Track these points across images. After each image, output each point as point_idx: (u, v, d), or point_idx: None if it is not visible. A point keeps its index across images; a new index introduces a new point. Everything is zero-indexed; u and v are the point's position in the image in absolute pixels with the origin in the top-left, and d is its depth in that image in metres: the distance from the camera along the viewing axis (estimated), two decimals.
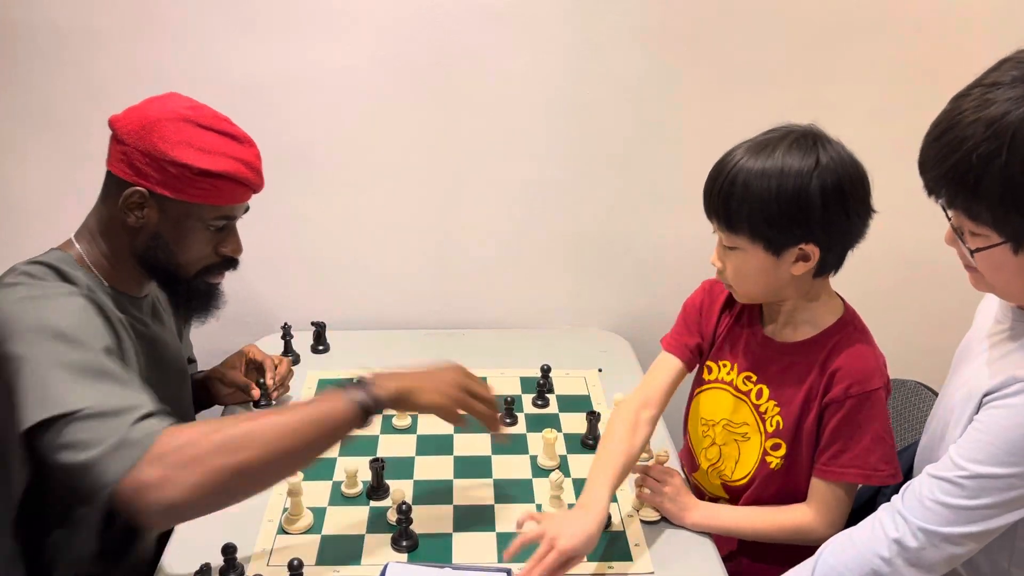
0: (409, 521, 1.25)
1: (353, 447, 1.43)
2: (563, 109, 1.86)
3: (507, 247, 1.98)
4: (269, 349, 1.66)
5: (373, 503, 1.36)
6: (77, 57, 1.78)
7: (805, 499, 1.27)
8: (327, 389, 1.16)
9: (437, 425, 1.26)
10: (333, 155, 1.88)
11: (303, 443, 1.08)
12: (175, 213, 1.20)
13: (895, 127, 1.81)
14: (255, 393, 1.55)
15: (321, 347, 1.85)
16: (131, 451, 0.99)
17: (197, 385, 1.55)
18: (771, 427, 1.29)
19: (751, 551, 1.34)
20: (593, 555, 1.23)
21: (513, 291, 2.02)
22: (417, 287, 2.01)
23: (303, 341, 1.84)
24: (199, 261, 1.27)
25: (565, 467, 1.47)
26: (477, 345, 1.91)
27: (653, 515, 1.33)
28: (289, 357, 1.72)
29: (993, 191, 0.92)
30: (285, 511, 1.31)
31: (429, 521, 1.31)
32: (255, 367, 1.59)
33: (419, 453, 1.50)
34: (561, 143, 1.89)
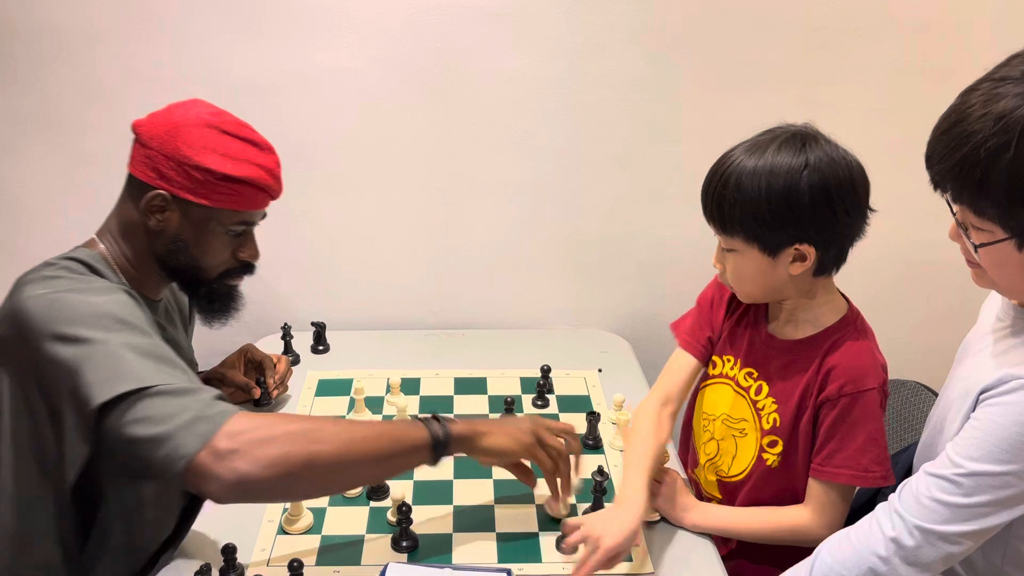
0: (409, 521, 1.25)
1: None
2: (563, 109, 1.86)
3: (507, 247, 1.98)
4: (269, 349, 1.66)
5: (373, 503, 1.36)
6: (77, 57, 1.78)
7: (803, 500, 1.27)
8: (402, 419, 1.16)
9: None
10: (333, 155, 1.88)
11: (375, 453, 1.10)
12: (196, 217, 1.22)
13: (895, 127, 1.82)
14: (256, 392, 1.55)
15: (321, 347, 1.85)
16: (207, 425, 1.01)
17: None
18: (767, 424, 1.30)
19: (750, 551, 1.34)
20: None
21: (513, 291, 2.02)
22: (417, 287, 2.01)
23: (303, 341, 1.84)
24: (218, 265, 1.28)
25: None
26: (477, 345, 1.91)
27: (653, 515, 1.33)
28: (288, 356, 1.72)
29: (1000, 186, 0.92)
30: (285, 511, 1.31)
31: (429, 521, 1.31)
32: (254, 366, 1.59)
33: None
34: (561, 143, 1.89)
